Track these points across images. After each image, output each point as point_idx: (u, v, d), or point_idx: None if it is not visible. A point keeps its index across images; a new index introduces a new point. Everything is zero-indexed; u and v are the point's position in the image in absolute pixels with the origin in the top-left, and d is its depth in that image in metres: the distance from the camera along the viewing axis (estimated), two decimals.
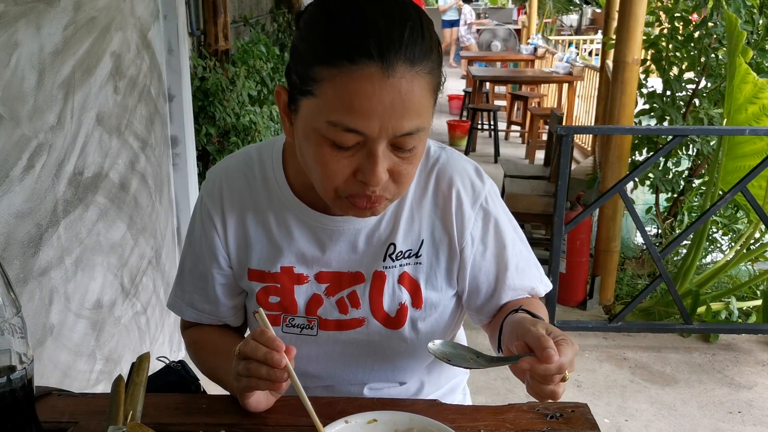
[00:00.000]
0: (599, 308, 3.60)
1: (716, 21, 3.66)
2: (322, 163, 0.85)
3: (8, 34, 1.52)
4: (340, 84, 0.79)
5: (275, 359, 0.83)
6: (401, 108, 0.80)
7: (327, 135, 0.82)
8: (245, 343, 0.86)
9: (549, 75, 7.31)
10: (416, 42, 0.80)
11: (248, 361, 0.85)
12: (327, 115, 0.81)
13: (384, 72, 0.78)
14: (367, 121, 0.80)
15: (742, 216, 3.91)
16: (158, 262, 2.58)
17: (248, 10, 4.39)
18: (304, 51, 0.84)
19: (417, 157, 0.88)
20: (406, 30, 0.79)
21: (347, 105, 0.79)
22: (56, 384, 1.74)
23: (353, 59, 0.78)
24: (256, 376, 0.85)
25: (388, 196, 0.89)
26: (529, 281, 1.07)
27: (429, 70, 0.82)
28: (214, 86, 3.06)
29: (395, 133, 0.81)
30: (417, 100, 0.81)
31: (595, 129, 5.09)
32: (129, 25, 2.23)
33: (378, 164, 0.83)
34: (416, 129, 0.83)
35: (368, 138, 0.81)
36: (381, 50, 0.78)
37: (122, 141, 2.19)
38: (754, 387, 2.87)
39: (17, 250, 1.57)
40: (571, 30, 14.31)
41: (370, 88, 0.78)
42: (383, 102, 0.79)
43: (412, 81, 0.80)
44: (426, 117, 0.84)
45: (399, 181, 0.87)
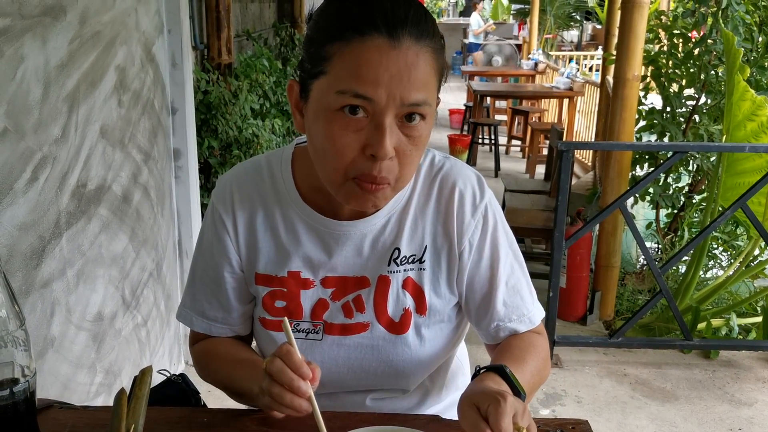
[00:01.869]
0: (599, 323, 3.59)
1: (715, 38, 3.69)
2: (331, 139, 0.88)
3: (14, 47, 1.54)
4: (350, 56, 0.85)
5: (301, 389, 0.84)
6: (408, 77, 0.85)
7: (336, 105, 0.86)
8: (272, 361, 0.86)
9: (550, 90, 7.34)
10: (420, 20, 0.87)
11: (272, 381, 0.86)
12: (337, 85, 0.86)
13: (391, 43, 0.84)
14: (374, 87, 0.84)
15: (742, 232, 3.92)
16: (159, 275, 2.58)
17: (251, 25, 4.42)
18: (316, 34, 0.90)
19: (422, 140, 0.91)
20: (411, 9, 0.86)
21: (356, 73, 0.85)
22: (56, 396, 1.74)
23: (362, 31, 0.84)
24: (278, 401, 0.86)
25: (391, 179, 0.90)
26: (522, 302, 1.07)
27: (432, 48, 0.88)
28: (216, 99, 3.08)
29: (402, 101, 0.85)
30: (422, 72, 0.86)
31: (595, 144, 5.11)
32: (134, 39, 2.25)
33: (386, 134, 0.86)
34: (422, 101, 0.87)
35: (376, 106, 0.85)
36: (388, 24, 0.84)
37: (125, 154, 2.20)
38: (754, 404, 2.86)
39: (20, 262, 1.57)
40: (571, 46, 14.39)
41: (377, 57, 0.84)
42: (390, 70, 0.84)
43: (417, 54, 0.85)
44: (431, 92, 0.89)
45: (403, 162, 0.90)
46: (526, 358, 1.01)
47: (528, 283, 1.10)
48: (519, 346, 1.05)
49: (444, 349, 1.10)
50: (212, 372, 1.11)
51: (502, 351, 1.05)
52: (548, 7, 12.74)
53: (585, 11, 13.61)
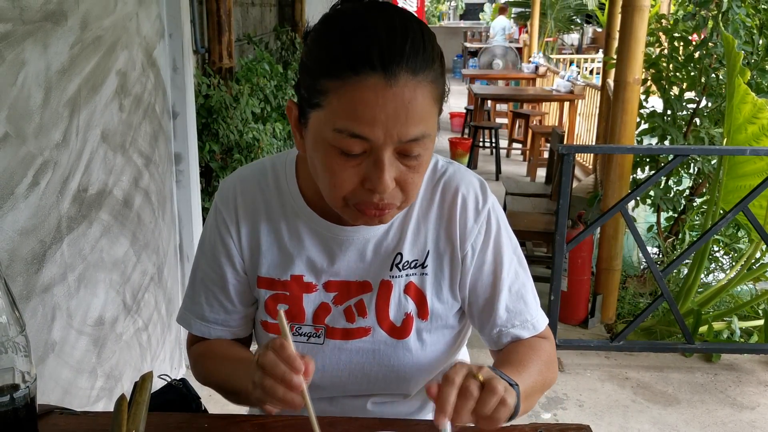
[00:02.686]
0: (601, 327, 3.59)
1: (716, 41, 3.69)
2: (330, 171, 0.88)
3: (16, 52, 1.54)
4: (345, 94, 0.82)
5: (294, 383, 0.83)
6: (405, 115, 0.83)
7: (334, 143, 0.85)
8: (264, 354, 0.85)
9: (550, 93, 7.35)
10: (417, 53, 0.83)
11: (265, 375, 0.84)
12: (334, 123, 0.84)
13: (386, 81, 0.81)
14: (371, 127, 0.83)
15: (743, 235, 3.91)
16: (160, 279, 2.58)
17: (252, 29, 4.43)
18: (311, 65, 0.88)
19: (423, 165, 0.90)
20: (407, 42, 0.83)
21: (352, 113, 0.82)
22: (57, 401, 1.74)
23: (357, 70, 0.81)
24: (271, 395, 0.84)
25: (396, 204, 0.91)
26: (525, 307, 1.07)
27: (431, 79, 0.85)
28: (217, 104, 3.08)
29: (400, 139, 0.84)
30: (420, 107, 0.84)
31: (596, 148, 5.11)
32: (135, 44, 2.26)
33: (384, 171, 0.85)
34: (421, 135, 0.85)
35: (374, 144, 0.84)
36: (383, 61, 0.81)
37: (126, 158, 2.20)
38: (756, 407, 2.85)
39: (21, 267, 1.58)
40: (572, 49, 14.41)
41: (374, 97, 0.81)
42: (386, 110, 0.82)
43: (414, 89, 0.83)
44: (430, 124, 0.87)
45: (406, 189, 0.90)
46: (525, 362, 1.00)
47: (532, 289, 1.09)
48: (519, 350, 1.04)
49: (445, 354, 1.10)
50: (208, 373, 1.10)
51: (502, 358, 1.05)
52: (549, 11, 12.75)
53: (585, 14, 13.63)
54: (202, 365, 1.12)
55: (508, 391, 0.83)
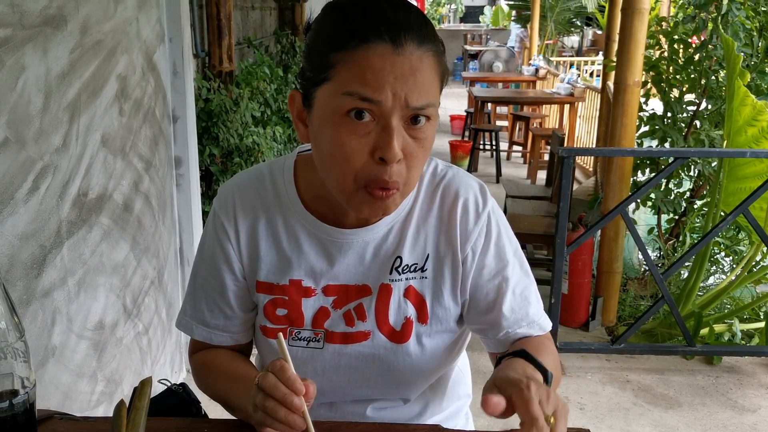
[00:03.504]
0: (602, 329, 3.59)
1: (716, 44, 3.69)
2: (339, 144, 0.88)
3: (15, 57, 1.54)
4: (355, 62, 0.86)
5: (295, 404, 0.83)
6: (412, 80, 0.86)
7: (343, 107, 0.87)
8: (264, 377, 0.85)
9: (550, 96, 7.35)
10: (421, 25, 0.88)
11: (266, 397, 0.85)
12: (343, 88, 0.87)
13: (394, 49, 0.86)
14: (380, 90, 0.85)
15: (744, 237, 3.91)
16: (161, 283, 2.58)
17: (252, 32, 4.44)
18: (319, 43, 0.91)
19: (428, 142, 0.91)
20: (411, 15, 0.88)
21: (361, 78, 0.85)
22: (57, 406, 1.74)
23: (366, 39, 0.86)
24: (273, 416, 0.84)
25: (400, 182, 0.90)
26: (530, 308, 1.07)
27: (434, 52, 0.89)
28: (217, 107, 3.08)
29: (407, 103, 0.86)
30: (426, 75, 0.88)
31: (596, 151, 5.10)
32: (135, 48, 2.26)
33: (393, 136, 0.87)
34: (426, 104, 0.88)
35: (383, 108, 0.86)
36: (390, 30, 0.86)
37: (126, 162, 2.20)
38: (758, 410, 2.85)
39: (21, 272, 1.58)
40: (572, 51, 14.42)
41: (381, 62, 0.85)
42: (395, 73, 0.85)
43: (420, 58, 0.87)
44: (434, 95, 0.90)
45: (410, 165, 0.90)
46: (542, 353, 1.00)
47: (535, 290, 1.09)
48: (531, 343, 1.04)
49: (445, 359, 1.10)
50: (210, 385, 1.10)
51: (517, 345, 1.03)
52: (549, 13, 12.76)
53: (585, 17, 13.63)
54: (204, 377, 1.12)
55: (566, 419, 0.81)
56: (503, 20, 18.12)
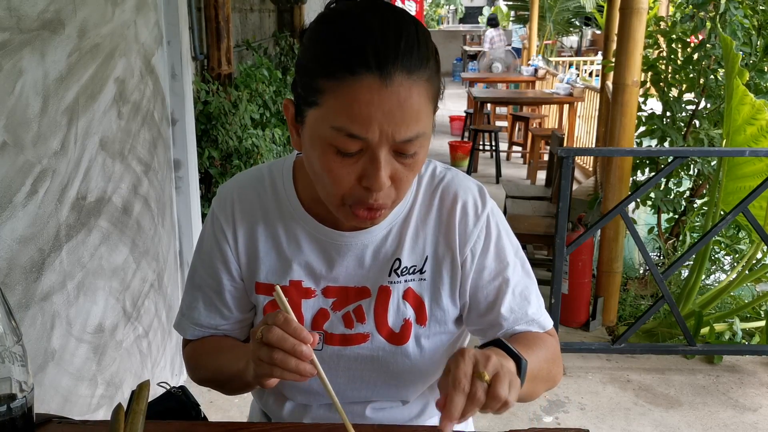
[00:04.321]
0: (602, 329, 3.58)
1: (714, 43, 3.69)
2: (327, 169, 0.89)
3: (13, 61, 1.54)
4: (342, 94, 0.83)
5: (304, 352, 0.83)
6: (400, 114, 0.84)
7: (331, 141, 0.86)
8: (269, 330, 0.84)
9: (550, 96, 7.35)
10: (412, 52, 0.84)
11: (272, 349, 0.84)
12: (330, 121, 0.85)
13: (382, 81, 0.82)
14: (367, 127, 0.84)
15: (744, 236, 3.91)
16: (160, 286, 2.58)
17: (251, 34, 4.44)
18: (308, 64, 0.89)
19: (418, 163, 0.91)
20: (402, 40, 0.84)
21: (348, 113, 0.84)
22: (57, 409, 1.74)
23: (353, 70, 0.82)
24: (282, 367, 0.84)
25: (388, 203, 0.91)
26: (528, 308, 1.06)
27: (426, 78, 0.86)
28: (216, 110, 3.08)
29: (395, 138, 0.85)
30: (415, 106, 0.85)
31: (595, 151, 5.10)
32: (133, 51, 2.26)
33: (380, 169, 0.86)
34: (416, 135, 0.86)
35: (370, 143, 0.85)
36: (379, 61, 0.82)
37: (125, 165, 2.20)
38: (759, 409, 2.85)
39: (19, 276, 1.58)
40: (571, 51, 14.43)
41: (369, 97, 0.82)
42: (382, 108, 0.83)
43: (410, 89, 0.84)
44: (425, 123, 0.88)
45: (399, 187, 0.90)
46: (533, 346, 1.00)
47: (536, 291, 1.09)
48: (526, 336, 1.04)
49: (444, 360, 1.09)
50: (201, 365, 1.10)
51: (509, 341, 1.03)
52: (547, 13, 12.76)
53: (584, 17, 13.63)
54: (195, 362, 1.12)
55: (512, 386, 0.82)
56: (502, 21, 18.12)
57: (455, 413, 0.80)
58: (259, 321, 1.08)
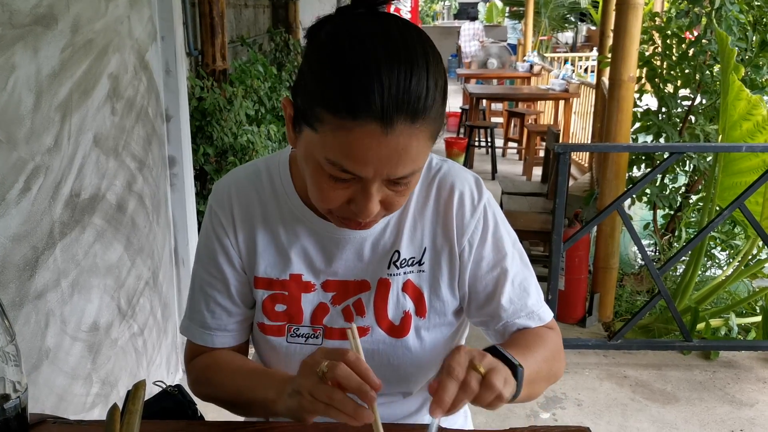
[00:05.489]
0: (598, 325, 3.58)
1: (710, 38, 3.69)
2: (318, 188, 0.89)
3: (5, 56, 1.52)
4: (341, 134, 0.81)
5: (369, 396, 0.81)
6: (397, 159, 0.83)
7: (325, 168, 0.86)
8: (336, 367, 0.81)
9: (545, 92, 7.35)
10: (419, 97, 0.80)
11: (331, 387, 0.82)
12: (326, 153, 0.84)
13: (383, 129, 0.80)
14: (362, 167, 0.83)
15: (739, 231, 3.91)
16: (155, 283, 2.57)
17: (245, 30, 4.41)
18: (311, 87, 0.84)
19: (410, 188, 0.91)
20: (411, 83, 0.79)
21: (346, 153, 0.82)
22: (52, 408, 1.72)
23: (355, 115, 0.80)
24: (340, 408, 0.81)
25: (378, 218, 0.93)
26: (529, 299, 1.06)
27: (430, 122, 0.83)
28: (211, 106, 3.06)
29: (389, 177, 0.85)
30: (414, 151, 0.84)
31: (592, 147, 5.10)
32: (127, 47, 2.24)
33: (370, 200, 0.87)
34: (410, 173, 0.86)
35: (363, 178, 0.85)
36: (383, 109, 0.79)
37: (119, 162, 2.18)
38: (755, 404, 2.85)
39: (13, 274, 1.56)
40: (566, 47, 14.43)
41: (369, 143, 0.81)
42: (380, 154, 0.82)
43: (410, 136, 0.82)
44: (422, 161, 0.87)
45: (389, 208, 0.91)
46: (532, 348, 0.99)
47: (535, 282, 1.09)
48: (526, 337, 1.04)
49: (445, 352, 1.09)
50: (216, 384, 1.07)
51: (507, 343, 1.03)
52: (543, 9, 12.76)
53: (579, 12, 13.64)
54: (208, 379, 1.09)
55: (507, 383, 0.83)
56: (497, 17, 18.12)
57: (446, 399, 0.80)
58: (258, 318, 1.07)
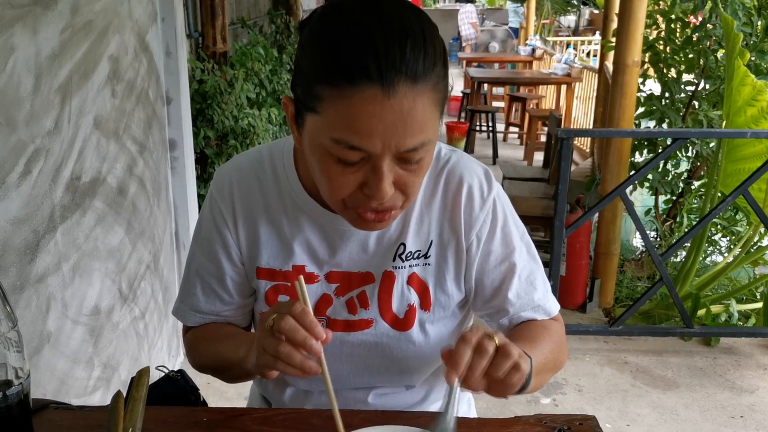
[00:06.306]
0: (599, 311, 3.58)
1: (715, 23, 3.65)
2: (327, 176, 0.85)
3: (4, 38, 1.50)
4: (342, 105, 0.79)
5: (314, 348, 0.80)
6: (403, 126, 0.79)
7: (331, 151, 0.82)
8: (282, 319, 0.81)
9: (547, 76, 7.31)
10: (417, 59, 0.78)
11: (279, 340, 0.81)
12: (330, 132, 0.81)
13: (385, 93, 0.77)
14: (369, 139, 0.79)
15: (741, 218, 3.90)
16: (156, 267, 2.56)
17: (246, 12, 4.37)
18: (307, 68, 0.83)
19: (424, 168, 0.87)
20: (407, 46, 0.78)
21: (349, 125, 0.79)
22: (53, 392, 1.72)
23: (354, 81, 0.77)
24: (286, 361, 0.81)
25: (397, 205, 0.88)
26: (536, 293, 1.05)
27: (432, 85, 0.81)
28: (212, 89, 3.03)
29: (399, 149, 0.81)
30: (420, 116, 0.80)
31: (595, 132, 5.08)
32: (126, 28, 2.21)
33: (383, 179, 0.82)
34: (420, 144, 0.82)
35: (372, 154, 0.81)
36: (381, 71, 0.77)
37: (120, 145, 2.17)
38: (756, 391, 2.86)
39: (14, 257, 1.55)
40: (568, 31, 14.33)
41: (371, 110, 0.78)
42: (385, 121, 0.78)
43: (414, 99, 0.79)
44: (431, 130, 0.83)
45: (406, 192, 0.87)
46: (537, 339, 0.99)
47: (542, 275, 1.07)
48: (531, 328, 1.03)
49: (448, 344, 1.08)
50: (202, 352, 1.08)
51: (512, 335, 1.02)
52: None
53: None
54: (194, 348, 1.10)
55: (522, 357, 0.82)
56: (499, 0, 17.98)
57: (461, 362, 0.79)
58: (260, 307, 1.06)
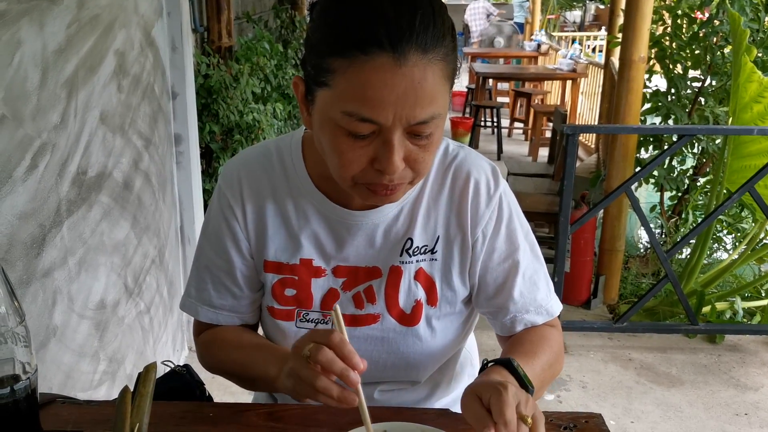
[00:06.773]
0: (603, 307, 3.58)
1: (721, 19, 3.63)
2: (338, 152, 0.86)
3: (11, 32, 1.50)
4: (353, 75, 0.80)
5: (352, 379, 0.80)
6: (414, 96, 0.80)
7: (342, 124, 0.83)
8: (319, 350, 0.80)
9: (552, 72, 7.28)
10: (427, 29, 0.80)
11: (317, 373, 0.80)
12: (342, 105, 0.82)
13: (396, 61, 0.78)
14: (380, 110, 0.80)
15: (747, 215, 3.89)
16: (162, 261, 2.56)
17: (251, 7, 4.36)
18: (317, 42, 0.85)
19: (434, 143, 0.87)
20: (416, 17, 0.79)
21: (360, 95, 0.80)
22: (59, 386, 1.73)
23: (365, 50, 0.78)
24: (324, 392, 0.80)
25: (407, 181, 0.88)
26: (539, 293, 1.05)
27: (442, 56, 0.82)
28: (217, 84, 3.03)
29: (410, 121, 0.82)
30: (430, 87, 0.81)
31: (601, 128, 5.06)
32: (132, 23, 2.21)
33: (394, 153, 0.83)
34: (431, 117, 0.83)
35: (383, 127, 0.82)
36: (392, 39, 0.78)
37: (126, 140, 2.17)
38: (760, 388, 2.85)
39: (20, 252, 1.55)
40: (574, 26, 14.27)
41: (382, 78, 0.79)
42: (396, 91, 0.79)
43: (424, 69, 0.80)
44: (441, 103, 0.84)
45: (416, 168, 0.87)
46: (538, 352, 0.99)
47: (545, 274, 1.07)
48: (531, 339, 1.03)
49: (454, 341, 1.08)
50: (221, 359, 1.07)
51: (513, 345, 1.02)
52: None
53: None
54: (214, 352, 1.09)
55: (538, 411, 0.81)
56: None
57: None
58: (266, 301, 1.06)
